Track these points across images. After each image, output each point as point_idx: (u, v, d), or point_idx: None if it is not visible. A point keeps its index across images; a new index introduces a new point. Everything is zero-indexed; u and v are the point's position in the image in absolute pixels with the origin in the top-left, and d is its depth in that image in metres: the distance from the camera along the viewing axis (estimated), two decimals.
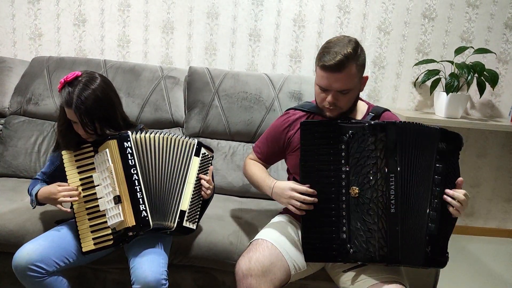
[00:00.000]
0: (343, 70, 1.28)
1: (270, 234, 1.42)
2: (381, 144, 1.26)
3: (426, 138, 1.28)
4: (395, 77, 2.60)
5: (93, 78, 1.39)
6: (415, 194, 1.27)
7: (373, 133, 1.27)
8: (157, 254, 1.38)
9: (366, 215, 1.27)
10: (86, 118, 1.34)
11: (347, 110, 1.38)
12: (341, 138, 1.29)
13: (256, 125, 2.16)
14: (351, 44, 1.31)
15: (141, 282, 1.29)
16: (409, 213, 1.26)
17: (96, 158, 1.41)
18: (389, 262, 1.27)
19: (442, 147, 1.27)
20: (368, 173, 1.27)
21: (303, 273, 1.42)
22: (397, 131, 1.27)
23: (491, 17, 2.54)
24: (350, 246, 1.28)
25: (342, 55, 1.27)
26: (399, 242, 1.25)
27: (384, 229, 1.26)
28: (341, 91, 1.31)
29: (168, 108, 2.19)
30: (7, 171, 2.05)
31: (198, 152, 1.49)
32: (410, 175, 1.27)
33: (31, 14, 2.49)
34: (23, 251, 1.31)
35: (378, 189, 1.26)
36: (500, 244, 2.76)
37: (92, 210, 1.39)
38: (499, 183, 2.77)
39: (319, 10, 2.50)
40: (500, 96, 2.64)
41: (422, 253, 1.26)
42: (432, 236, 1.26)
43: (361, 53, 1.33)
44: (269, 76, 2.25)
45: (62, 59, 2.27)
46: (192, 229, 1.47)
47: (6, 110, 2.21)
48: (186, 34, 2.52)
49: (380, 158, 1.26)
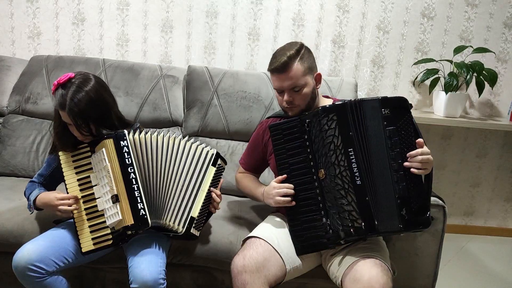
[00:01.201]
0: (288, 69, 1.40)
1: (263, 232, 1.46)
2: (334, 123, 1.34)
3: (370, 109, 1.33)
4: (394, 76, 2.60)
5: (87, 79, 1.38)
6: (377, 162, 1.32)
7: (324, 114, 1.35)
8: (156, 254, 1.38)
9: (336, 193, 1.33)
10: (80, 120, 1.34)
11: (306, 107, 1.46)
12: (303, 130, 1.40)
13: (255, 124, 2.15)
14: (294, 46, 1.43)
15: (139, 281, 1.29)
16: (376, 181, 1.31)
17: (93, 158, 1.41)
18: (366, 233, 1.30)
19: (386, 113, 1.32)
20: (328, 153, 1.35)
21: (299, 270, 1.44)
22: (344, 108, 1.34)
23: (490, 16, 2.54)
24: (329, 227, 1.34)
25: (285, 56, 1.40)
26: (373, 212, 1.30)
27: (354, 201, 1.31)
28: (292, 88, 1.42)
29: (167, 107, 2.18)
30: (5, 170, 2.05)
31: (215, 162, 1.51)
32: (368, 146, 1.32)
33: (29, 12, 2.48)
34: (23, 251, 1.31)
35: (340, 165, 1.33)
36: (500, 243, 2.76)
37: (90, 211, 1.39)
38: (499, 182, 2.77)
39: (318, 9, 2.50)
40: (499, 95, 2.65)
41: (398, 217, 1.29)
42: (404, 198, 1.29)
43: (306, 53, 1.44)
44: (268, 75, 2.24)
45: (61, 58, 2.27)
46: (196, 236, 1.48)
47: (5, 109, 2.21)
48: (185, 33, 2.52)
49: (336, 136, 1.33)
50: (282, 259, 1.38)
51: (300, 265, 1.43)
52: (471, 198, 2.79)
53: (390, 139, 1.32)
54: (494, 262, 2.49)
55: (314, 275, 1.50)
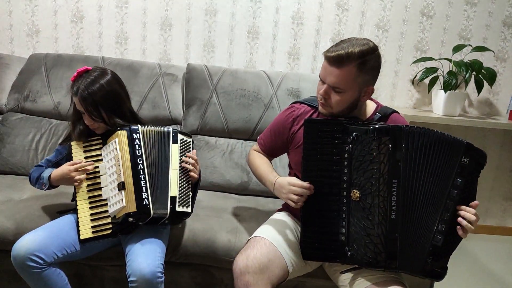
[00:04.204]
0: (340, 66, 1.24)
1: (268, 231, 1.42)
2: (385, 149, 1.23)
3: (447, 147, 1.22)
4: (393, 75, 2.60)
5: (103, 73, 1.47)
6: (423, 202, 1.23)
7: (377, 136, 1.23)
8: (154, 248, 1.38)
9: (366, 220, 1.25)
10: (90, 107, 1.41)
11: (339, 113, 1.33)
12: (345, 139, 1.26)
13: (254, 122, 2.16)
14: (362, 46, 1.24)
15: (136, 274, 1.29)
16: (412, 221, 1.23)
17: (104, 149, 1.47)
18: (386, 268, 1.26)
19: (465, 162, 1.20)
20: (370, 178, 1.24)
21: (301, 271, 1.42)
22: (404, 136, 1.22)
23: (489, 15, 2.54)
24: (348, 249, 1.28)
25: (344, 51, 1.22)
26: (398, 249, 1.23)
27: (383, 235, 1.23)
28: (333, 87, 1.28)
29: (166, 105, 2.18)
30: (4, 168, 2.05)
31: (175, 139, 1.52)
32: (419, 183, 1.22)
33: (28, 10, 2.48)
34: (22, 241, 1.32)
35: (380, 195, 1.23)
36: (498, 242, 2.77)
37: (94, 199, 1.43)
38: (498, 181, 2.78)
39: (318, 7, 2.50)
40: (498, 94, 2.65)
41: (422, 262, 1.23)
42: (436, 248, 1.22)
43: (371, 60, 1.26)
44: (268, 74, 2.24)
45: (60, 56, 2.26)
46: (188, 212, 1.49)
47: (4, 107, 2.20)
48: (184, 31, 2.52)
49: (384, 163, 1.23)
50: (286, 260, 1.35)
51: (303, 267, 1.41)
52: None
53: (455, 189, 1.21)
54: (493, 261, 2.49)
55: (314, 275, 1.50)
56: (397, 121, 1.41)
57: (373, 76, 1.31)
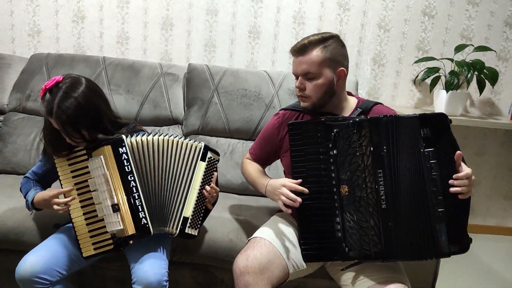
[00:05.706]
0: (304, 53, 1.34)
1: (268, 232, 1.42)
2: (366, 141, 1.26)
3: (407, 129, 1.25)
4: (394, 74, 2.60)
5: (75, 83, 1.30)
6: (410, 185, 1.24)
7: (357, 129, 1.26)
8: (159, 256, 1.37)
9: (358, 213, 1.27)
10: (69, 128, 1.28)
11: (319, 101, 1.39)
12: (328, 137, 1.29)
13: (255, 122, 2.16)
14: (323, 34, 1.37)
15: (143, 282, 1.28)
16: (403, 206, 1.25)
17: (90, 162, 1.34)
18: (384, 258, 1.26)
19: (426, 133, 1.23)
20: (355, 171, 1.27)
21: (302, 272, 1.42)
22: (378, 125, 1.25)
23: (491, 14, 2.53)
24: (345, 245, 1.29)
25: (307, 40, 1.35)
26: (393, 237, 1.24)
27: (377, 225, 1.25)
28: (305, 75, 1.36)
29: (168, 105, 2.18)
30: (6, 168, 2.05)
31: (204, 157, 1.44)
32: (400, 169, 1.25)
33: (29, 10, 2.48)
34: (26, 264, 1.29)
35: (367, 186, 1.26)
36: (498, 241, 2.76)
37: (89, 215, 1.34)
38: (498, 181, 2.77)
39: (319, 7, 2.49)
40: (499, 94, 2.64)
41: (429, 245, 1.23)
42: (443, 224, 1.22)
43: (334, 44, 1.36)
44: (269, 73, 2.24)
45: (61, 56, 2.27)
46: (194, 235, 1.44)
47: (5, 107, 2.21)
48: (185, 31, 2.52)
49: (366, 154, 1.26)
50: (286, 261, 1.35)
51: (304, 268, 1.41)
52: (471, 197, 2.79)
53: (428, 162, 1.23)
54: (493, 261, 2.49)
55: (315, 275, 1.49)
56: (381, 112, 1.42)
57: (340, 58, 1.38)
